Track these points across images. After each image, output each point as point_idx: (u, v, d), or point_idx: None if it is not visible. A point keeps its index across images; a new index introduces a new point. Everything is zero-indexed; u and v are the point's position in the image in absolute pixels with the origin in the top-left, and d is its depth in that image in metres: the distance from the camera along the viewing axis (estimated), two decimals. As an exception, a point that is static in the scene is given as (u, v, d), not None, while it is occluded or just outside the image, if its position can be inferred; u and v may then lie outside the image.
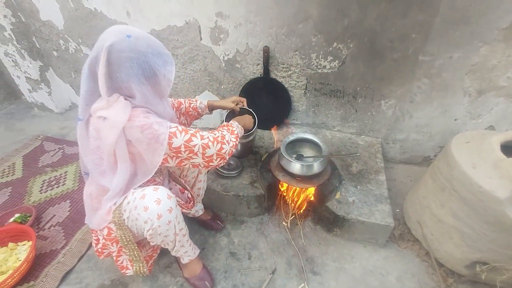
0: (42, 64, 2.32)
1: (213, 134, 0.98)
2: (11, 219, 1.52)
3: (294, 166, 1.33)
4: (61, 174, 1.89)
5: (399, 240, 1.42)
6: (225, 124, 1.10)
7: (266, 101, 1.82)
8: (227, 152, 0.99)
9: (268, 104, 1.82)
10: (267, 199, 1.50)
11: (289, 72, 1.71)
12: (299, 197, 1.50)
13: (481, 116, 1.55)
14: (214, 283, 1.25)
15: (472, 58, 1.38)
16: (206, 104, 1.31)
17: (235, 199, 1.47)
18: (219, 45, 1.71)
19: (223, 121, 1.49)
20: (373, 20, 1.38)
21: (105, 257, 1.13)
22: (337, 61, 1.57)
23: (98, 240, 1.08)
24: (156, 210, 0.91)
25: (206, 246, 1.42)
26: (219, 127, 1.09)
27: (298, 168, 1.32)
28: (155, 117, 0.89)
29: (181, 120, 1.30)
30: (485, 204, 1.04)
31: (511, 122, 1.52)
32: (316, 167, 1.33)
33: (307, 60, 1.62)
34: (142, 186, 0.98)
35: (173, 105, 1.26)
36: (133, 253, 1.04)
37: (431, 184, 1.30)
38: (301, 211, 1.52)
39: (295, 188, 1.45)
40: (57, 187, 1.79)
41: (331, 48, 1.54)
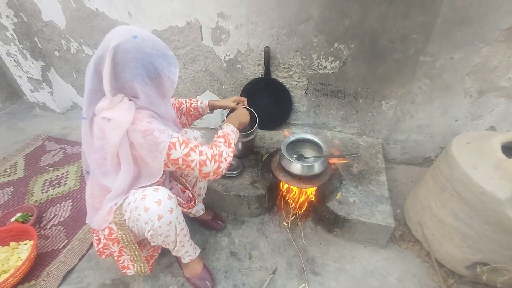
0: (44, 64, 2.32)
1: (212, 151, 0.97)
2: (13, 219, 1.53)
3: (295, 166, 1.33)
4: (63, 173, 1.90)
5: (399, 240, 1.42)
6: (223, 134, 1.06)
7: (267, 101, 1.82)
8: (224, 169, 1.00)
9: (269, 105, 1.82)
10: (268, 199, 1.51)
11: (290, 73, 1.71)
12: (300, 197, 1.50)
13: (482, 117, 1.55)
14: (214, 283, 1.26)
15: (473, 59, 1.38)
16: (207, 104, 1.31)
17: (236, 199, 1.47)
18: (220, 45, 1.71)
19: (223, 121, 1.50)
20: (374, 21, 1.38)
21: (106, 257, 1.13)
22: (338, 62, 1.58)
23: (99, 240, 1.08)
24: (156, 211, 0.91)
25: (207, 246, 1.43)
26: (218, 137, 1.06)
27: (299, 168, 1.32)
28: (158, 123, 0.89)
29: (182, 120, 1.31)
30: (486, 204, 1.03)
31: (512, 123, 1.52)
32: (317, 167, 1.33)
33: (308, 61, 1.62)
34: (143, 186, 0.99)
35: (174, 105, 1.27)
36: (134, 253, 1.05)
37: (432, 185, 1.30)
38: (302, 212, 1.52)
39: (295, 189, 1.45)
40: (58, 187, 1.79)
41: (332, 49, 1.54)
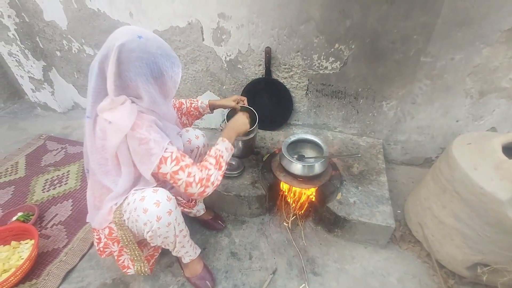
0: (45, 64, 2.33)
1: (200, 174, 0.94)
2: (14, 218, 1.53)
3: (296, 166, 1.33)
4: (64, 173, 1.90)
5: (400, 241, 1.42)
6: (215, 154, 1.01)
7: (268, 101, 1.82)
8: (209, 193, 0.98)
9: (269, 105, 1.83)
10: (268, 200, 1.51)
11: (291, 73, 1.71)
12: (300, 197, 1.50)
13: (483, 118, 1.55)
14: (215, 282, 1.26)
15: (474, 60, 1.38)
16: (207, 104, 1.32)
17: (236, 199, 1.47)
18: (221, 45, 1.72)
19: (224, 120, 1.51)
20: (375, 22, 1.39)
21: (106, 256, 1.13)
22: (338, 62, 1.58)
23: (99, 239, 1.09)
24: (155, 212, 0.91)
25: (207, 246, 1.43)
26: (209, 156, 1.01)
27: (299, 168, 1.32)
28: (157, 132, 0.89)
29: (183, 120, 1.31)
30: (487, 205, 1.03)
31: (513, 124, 1.52)
32: (317, 167, 1.33)
33: (308, 61, 1.63)
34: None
35: (175, 106, 1.27)
36: (134, 253, 1.05)
37: (433, 186, 1.30)
38: (302, 212, 1.52)
39: (296, 189, 1.45)
40: (59, 186, 1.80)
41: (332, 49, 1.54)
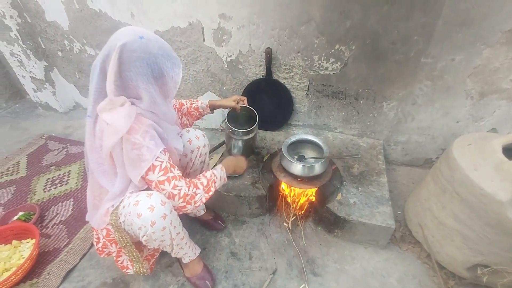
0: (47, 64, 2.34)
1: (187, 190, 0.95)
2: (15, 217, 1.54)
3: (296, 167, 1.33)
4: (65, 173, 1.91)
5: (400, 242, 1.42)
6: (209, 178, 1.04)
7: (268, 102, 1.82)
8: (189, 210, 0.99)
9: (270, 105, 1.83)
10: (268, 200, 1.51)
11: (291, 74, 1.71)
12: (300, 198, 1.50)
13: (484, 119, 1.55)
14: (215, 282, 1.26)
15: (474, 61, 1.38)
16: (207, 104, 1.32)
17: (237, 200, 1.48)
18: (222, 46, 1.72)
19: (225, 120, 1.51)
20: (376, 22, 1.39)
21: (105, 256, 1.14)
22: (339, 63, 1.58)
23: (98, 239, 1.09)
24: (149, 217, 0.90)
25: (207, 246, 1.43)
26: (204, 176, 1.04)
27: (299, 169, 1.32)
28: (152, 138, 0.89)
29: (183, 120, 1.31)
30: (487, 206, 1.03)
31: (513, 125, 1.52)
32: (318, 168, 1.33)
33: (309, 62, 1.63)
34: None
35: (175, 106, 1.27)
36: (132, 254, 1.04)
37: (433, 186, 1.30)
38: (302, 212, 1.52)
39: (296, 189, 1.45)
40: (60, 186, 1.81)
41: (333, 50, 1.54)
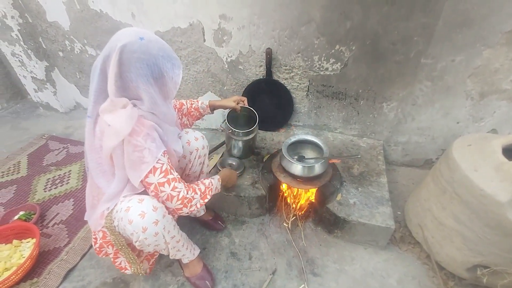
0: (48, 64, 2.35)
1: (186, 193, 0.97)
2: (16, 217, 1.54)
3: (296, 167, 1.33)
4: (65, 173, 1.91)
5: (400, 242, 1.42)
6: (207, 185, 1.08)
7: (268, 102, 1.83)
8: (184, 213, 1.01)
9: (270, 106, 1.83)
10: (268, 200, 1.51)
11: (292, 74, 1.72)
12: (300, 198, 1.50)
13: (484, 119, 1.55)
14: (214, 282, 1.26)
15: (474, 61, 1.38)
16: (207, 104, 1.33)
17: (237, 200, 1.48)
18: (222, 46, 1.72)
19: (225, 121, 1.51)
20: (376, 23, 1.39)
21: (103, 256, 1.14)
22: (339, 63, 1.58)
23: (96, 239, 1.09)
24: (140, 223, 0.90)
25: (207, 245, 1.43)
26: (203, 183, 1.08)
27: (299, 169, 1.32)
28: (153, 141, 0.89)
29: (183, 120, 1.31)
30: (486, 207, 1.03)
31: (514, 126, 1.52)
32: (318, 168, 1.33)
33: (309, 62, 1.63)
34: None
35: (175, 106, 1.28)
36: (129, 256, 1.04)
37: (433, 187, 1.30)
38: (302, 212, 1.52)
39: (296, 189, 1.45)
40: (61, 186, 1.81)
41: (333, 51, 1.54)
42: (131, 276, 1.30)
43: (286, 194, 1.53)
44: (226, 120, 1.50)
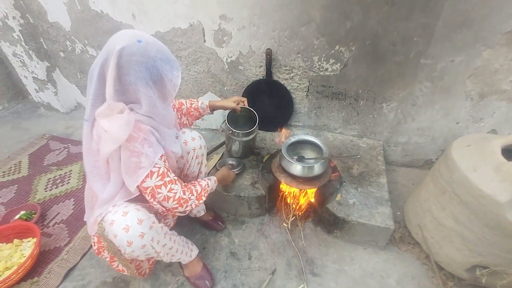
0: (49, 65, 2.36)
1: (181, 193, 0.98)
2: (17, 216, 1.55)
3: (295, 167, 1.33)
4: (66, 172, 1.92)
5: (399, 242, 1.42)
6: (204, 187, 1.10)
7: (268, 103, 1.83)
8: (180, 212, 1.02)
9: (270, 106, 1.83)
10: (268, 200, 1.51)
11: (291, 75, 1.72)
12: (300, 198, 1.50)
13: (483, 120, 1.55)
14: (214, 282, 1.26)
15: (474, 62, 1.38)
16: (207, 105, 1.33)
17: (236, 200, 1.48)
18: (223, 47, 1.73)
19: (225, 121, 1.52)
20: (376, 23, 1.39)
21: (102, 257, 1.14)
22: (339, 64, 1.58)
23: (94, 242, 1.10)
24: (125, 238, 0.88)
25: (207, 245, 1.44)
26: (199, 184, 1.09)
27: (299, 169, 1.33)
28: (151, 145, 0.89)
29: (183, 120, 1.32)
30: (486, 207, 1.03)
31: (514, 126, 1.52)
32: (317, 168, 1.33)
33: (309, 63, 1.63)
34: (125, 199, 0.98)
35: (174, 106, 1.28)
36: (122, 261, 1.04)
37: (432, 187, 1.30)
38: (302, 213, 1.52)
39: (296, 190, 1.46)
40: (61, 186, 1.82)
41: (333, 51, 1.55)
42: (131, 276, 1.30)
43: (286, 194, 1.53)
44: (226, 121, 1.51)
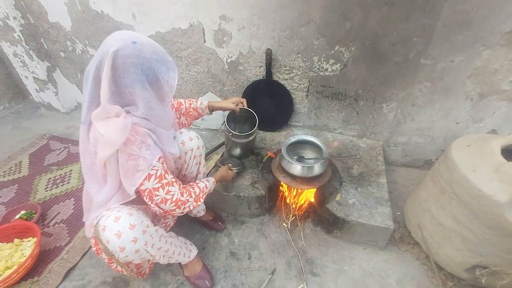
0: (49, 65, 2.36)
1: (179, 195, 0.97)
2: (17, 216, 1.55)
3: (295, 167, 1.34)
4: (66, 172, 1.92)
5: (399, 242, 1.42)
6: (202, 189, 1.09)
7: (268, 103, 1.83)
8: (178, 213, 1.02)
9: (270, 106, 1.84)
10: (268, 200, 1.51)
11: (291, 75, 1.72)
12: (300, 198, 1.51)
13: (483, 120, 1.55)
14: (214, 282, 1.27)
15: (474, 62, 1.38)
16: (206, 105, 1.32)
17: (236, 200, 1.48)
18: (223, 47, 1.73)
19: (224, 122, 1.52)
20: (375, 24, 1.39)
21: (101, 257, 1.14)
22: (339, 64, 1.59)
23: (92, 243, 1.10)
24: (117, 243, 0.87)
25: (207, 245, 1.44)
26: (197, 186, 1.09)
27: (299, 169, 1.33)
28: (148, 148, 0.89)
29: (182, 120, 1.31)
30: (485, 208, 1.03)
31: (513, 126, 1.52)
32: (317, 168, 1.34)
33: (309, 63, 1.64)
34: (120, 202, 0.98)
35: (173, 106, 1.27)
36: (120, 263, 1.04)
37: (432, 188, 1.30)
38: (302, 213, 1.52)
39: (295, 190, 1.46)
40: (62, 185, 1.82)
41: (333, 51, 1.55)
42: (130, 276, 1.30)
43: (286, 194, 1.54)
44: (226, 122, 1.51)
